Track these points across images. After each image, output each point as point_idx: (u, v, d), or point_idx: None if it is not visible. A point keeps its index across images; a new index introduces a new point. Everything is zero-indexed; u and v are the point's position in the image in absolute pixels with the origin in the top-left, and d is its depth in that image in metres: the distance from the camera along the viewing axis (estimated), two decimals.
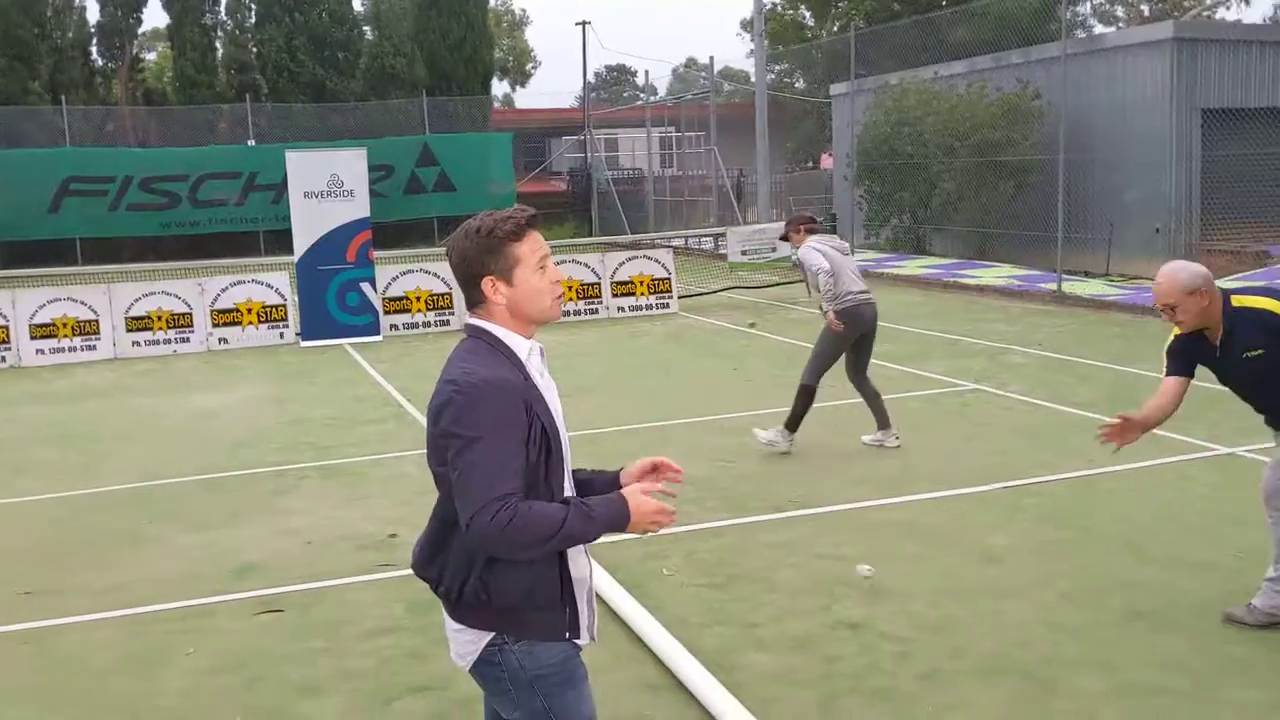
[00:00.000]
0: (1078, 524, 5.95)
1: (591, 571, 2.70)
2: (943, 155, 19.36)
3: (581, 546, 2.60)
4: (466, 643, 2.58)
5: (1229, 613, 4.68)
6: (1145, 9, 41.03)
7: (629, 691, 4.28)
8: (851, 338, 7.61)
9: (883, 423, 7.73)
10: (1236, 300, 4.52)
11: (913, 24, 24.89)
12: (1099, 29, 39.98)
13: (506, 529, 2.35)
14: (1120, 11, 42.59)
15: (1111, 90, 17.81)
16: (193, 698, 4.41)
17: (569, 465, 2.64)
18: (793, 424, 7.59)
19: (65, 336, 13.21)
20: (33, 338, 13.11)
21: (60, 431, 9.36)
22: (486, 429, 2.40)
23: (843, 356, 7.71)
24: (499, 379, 2.46)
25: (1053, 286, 15.05)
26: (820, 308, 7.75)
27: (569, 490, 2.63)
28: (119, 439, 9.00)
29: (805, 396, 7.58)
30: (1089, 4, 41.05)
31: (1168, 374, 4.67)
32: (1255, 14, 41.69)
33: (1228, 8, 41.18)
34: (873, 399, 7.76)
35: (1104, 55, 18.16)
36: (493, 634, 2.54)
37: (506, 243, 2.53)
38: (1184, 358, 4.66)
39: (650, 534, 2.59)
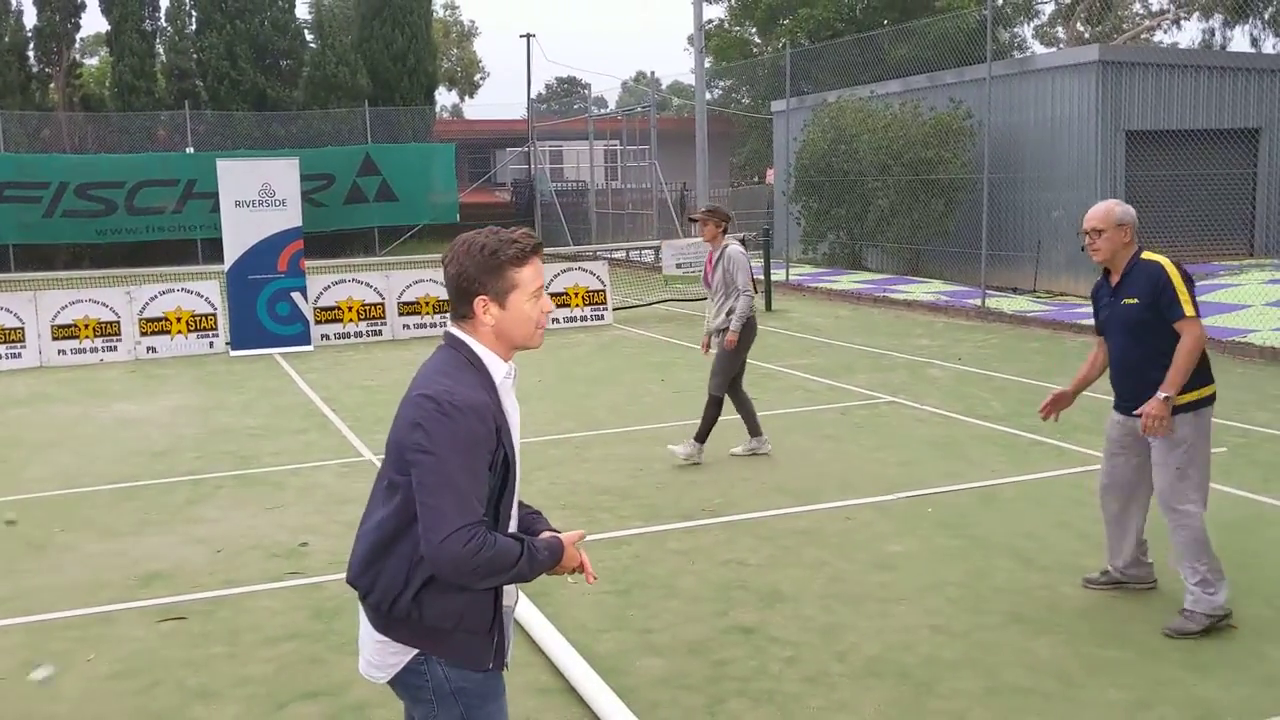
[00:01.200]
0: (973, 532, 6.14)
1: (516, 600, 2.71)
2: (877, 173, 19.69)
3: None
4: (389, 654, 2.57)
5: (1170, 628, 4.75)
6: (1085, 32, 41.91)
7: (520, 694, 4.37)
8: (749, 347, 7.82)
9: (754, 430, 7.92)
10: (1145, 254, 4.90)
11: (853, 42, 25.30)
12: (1038, 49, 40.82)
13: (474, 558, 2.36)
14: (1061, 33, 43.46)
15: (1040, 110, 18.27)
16: (88, 703, 4.43)
17: (518, 491, 2.66)
18: (702, 436, 7.75)
19: None
20: None
21: None
22: (460, 450, 2.40)
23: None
24: (478, 403, 2.45)
25: (978, 302, 15.38)
26: (708, 325, 7.92)
27: (514, 518, 2.65)
28: (37, 447, 8.93)
29: (715, 408, 7.77)
30: (1029, 26, 41.88)
31: (1096, 330, 5.14)
32: (1186, 38, 42.76)
33: (1164, 31, 42.22)
34: (746, 406, 7.94)
35: (1033, 76, 18.61)
36: (416, 651, 2.54)
37: (508, 266, 2.52)
38: (1096, 305, 5.12)
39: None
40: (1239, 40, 37.92)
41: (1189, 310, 4.70)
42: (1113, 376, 5.02)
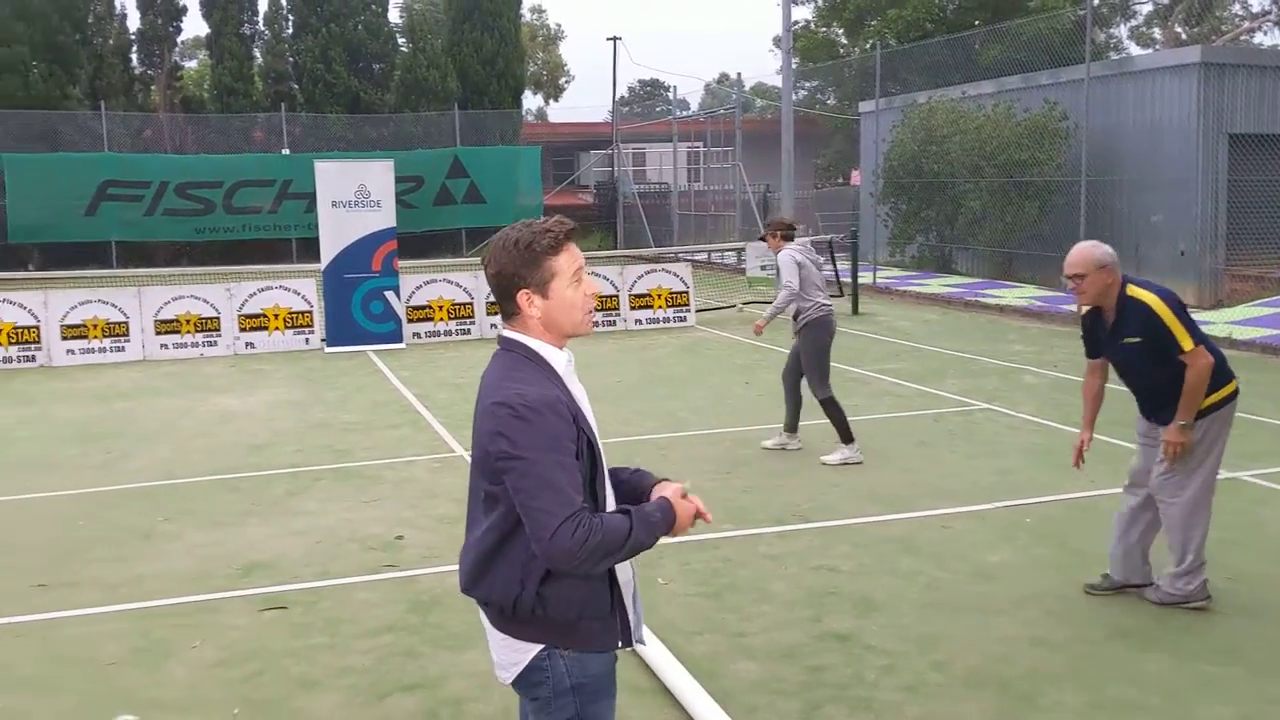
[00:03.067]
0: (1073, 544, 6.00)
1: (635, 575, 2.73)
2: (969, 174, 19.40)
3: None
4: (515, 653, 2.59)
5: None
6: (1182, 32, 40.79)
7: None
8: (828, 342, 7.96)
9: (791, 427, 8.18)
10: (1130, 290, 4.95)
11: (944, 43, 24.94)
12: (1134, 50, 39.83)
13: (586, 544, 2.38)
14: (1158, 34, 42.37)
15: (1139, 112, 17.81)
16: (195, 689, 4.55)
17: (608, 474, 2.69)
18: (846, 436, 7.82)
19: (95, 337, 13.49)
20: (63, 338, 13.40)
21: (86, 430, 9.58)
22: (544, 449, 2.42)
23: (787, 355, 8.28)
24: (550, 398, 2.48)
25: (1073, 308, 15.03)
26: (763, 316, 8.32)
27: (610, 496, 2.67)
28: (141, 439, 9.21)
29: (833, 406, 7.85)
30: (1124, 27, 40.90)
31: (1087, 355, 5.28)
32: None
33: (1264, 32, 40.90)
34: (796, 402, 8.15)
35: (1132, 78, 18.16)
36: (544, 645, 2.57)
37: (544, 256, 2.54)
38: (1090, 338, 5.21)
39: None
40: None
41: (1187, 344, 4.83)
42: (1135, 394, 5.16)
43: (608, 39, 37.28)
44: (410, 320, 14.46)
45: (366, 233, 13.96)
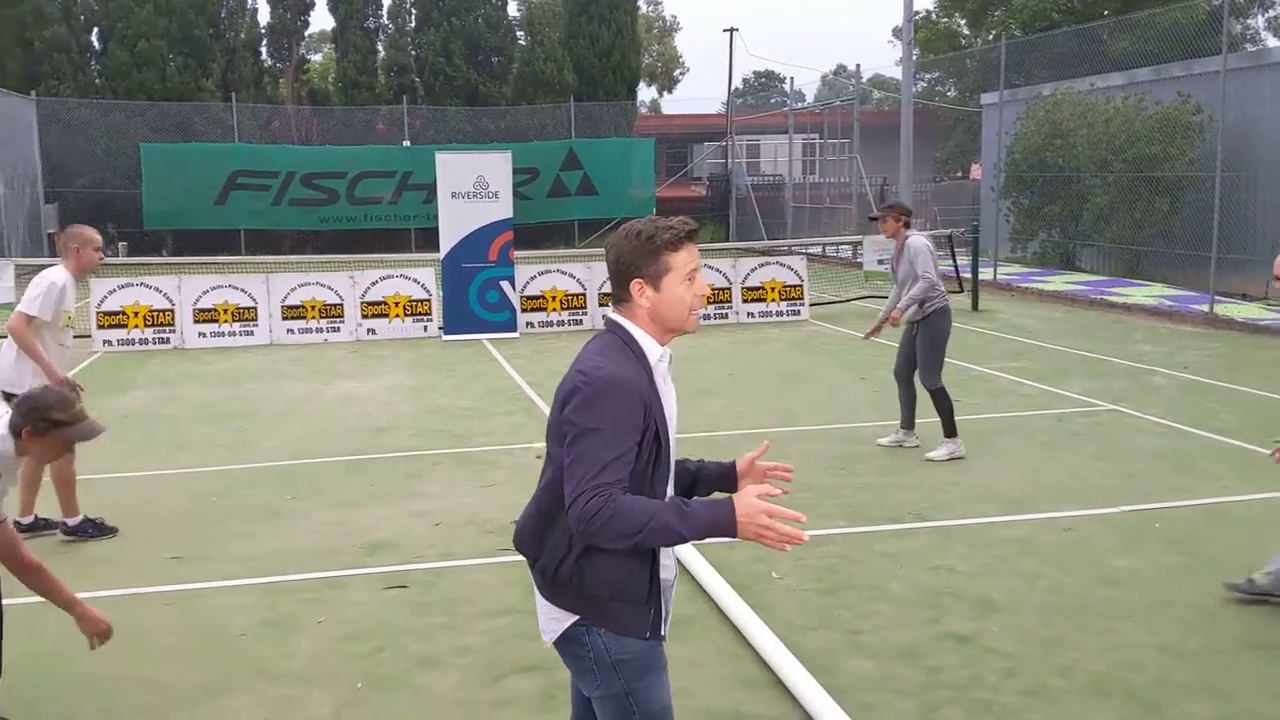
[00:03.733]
0: (1204, 551, 5.79)
1: (675, 575, 2.80)
2: (1095, 169, 18.80)
3: (671, 550, 2.71)
4: (554, 619, 2.69)
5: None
6: None
7: (728, 686, 4.39)
8: (948, 331, 7.87)
9: (908, 423, 8.02)
10: None
11: (1071, 33, 24.21)
12: (1271, 42, 38.07)
13: (596, 516, 2.45)
14: None
15: (1278, 106, 17.02)
16: (320, 662, 4.70)
17: (673, 471, 2.74)
18: (951, 429, 7.73)
19: (225, 321, 14.00)
20: (196, 321, 13.94)
21: (218, 410, 9.95)
22: (604, 422, 2.51)
23: (897, 352, 8.14)
24: (625, 377, 2.57)
25: (1205, 308, 14.48)
26: (885, 313, 8.15)
27: (669, 494, 2.72)
28: (270, 420, 9.53)
29: (944, 397, 7.77)
30: (1261, 18, 39.10)
31: None
32: None
33: None
34: (911, 398, 8.03)
35: (1270, 70, 17.37)
36: (576, 618, 2.65)
37: (663, 250, 2.64)
38: None
39: (763, 543, 2.49)
40: None
41: None
42: None
43: (724, 30, 37.14)
44: (524, 310, 14.65)
45: (484, 223, 14.19)
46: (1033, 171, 20.35)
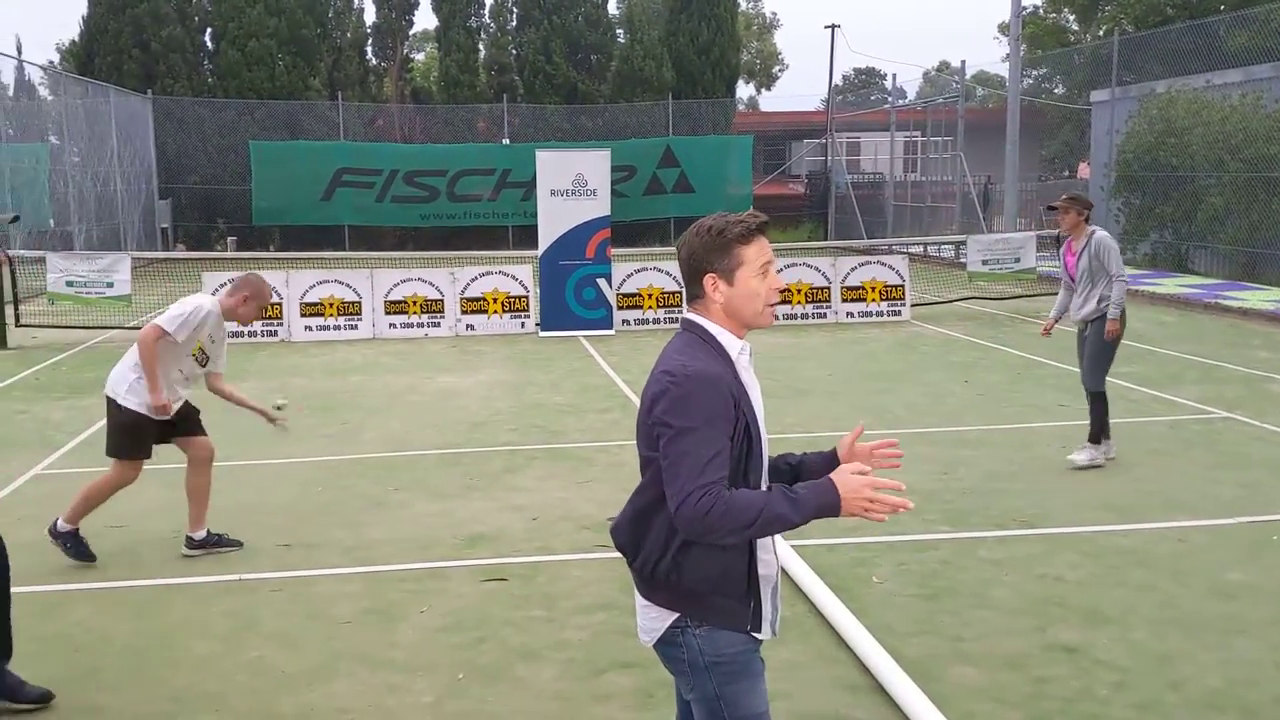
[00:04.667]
0: None
1: (779, 571, 2.79)
2: (1210, 168, 18.17)
3: (771, 546, 2.70)
4: (652, 619, 2.70)
5: None
6: None
7: (828, 689, 4.34)
8: (1122, 335, 7.59)
9: (1102, 434, 7.62)
10: None
11: (1185, 29, 23.44)
12: None
13: (710, 513, 2.46)
14: None
15: None
16: (422, 651, 4.78)
17: (766, 461, 2.74)
18: (1097, 436, 7.55)
19: (331, 316, 14.33)
20: (302, 315, 14.29)
21: (322, 402, 10.18)
22: (698, 420, 2.52)
23: (1079, 355, 7.83)
24: (712, 374, 2.58)
25: None
26: (1057, 311, 7.92)
27: (764, 485, 2.72)
28: (373, 412, 9.72)
29: (1104, 401, 7.59)
30: None
31: None
32: None
33: None
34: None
35: None
36: (677, 615, 2.65)
37: (735, 244, 2.65)
38: None
39: (869, 517, 2.53)
40: None
41: None
42: None
43: (826, 26, 36.80)
44: (620, 307, 14.70)
45: (582, 220, 14.27)
46: (1145, 171, 19.76)
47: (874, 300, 15.29)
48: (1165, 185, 19.41)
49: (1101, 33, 32.30)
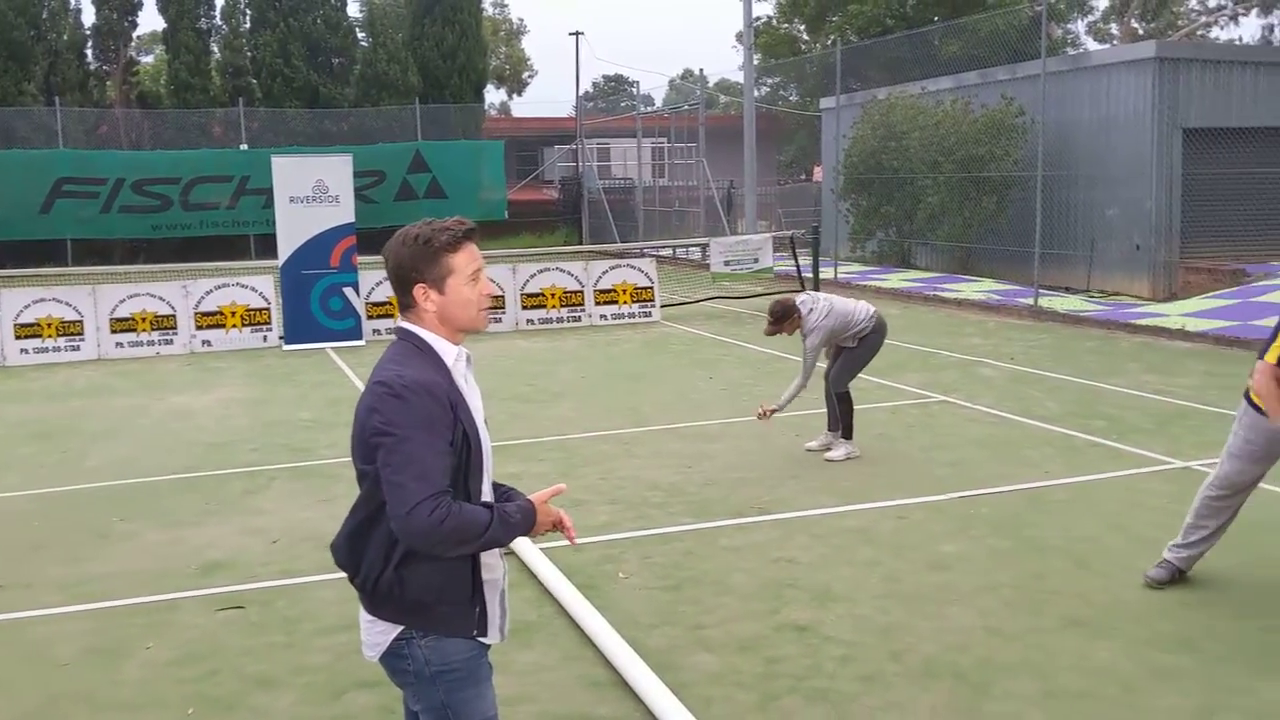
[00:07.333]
0: (1027, 534, 6.08)
1: (505, 574, 2.80)
2: (928, 170, 19.54)
3: (495, 551, 2.72)
4: (378, 633, 2.67)
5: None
6: (1138, 28, 41.28)
7: (574, 688, 4.40)
8: (877, 351, 7.96)
9: (834, 425, 7.96)
10: None
11: (903, 39, 25.11)
12: (1091, 45, 40.29)
13: (441, 526, 2.44)
14: (1115, 29, 42.87)
15: (1095, 108, 18.01)
16: (150, 688, 4.52)
17: (489, 469, 2.74)
18: (850, 430, 7.83)
19: (49, 337, 13.31)
20: (17, 337, 13.20)
21: (41, 429, 9.45)
22: (417, 428, 2.49)
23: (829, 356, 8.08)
24: (428, 381, 2.55)
25: (1030, 301, 15.21)
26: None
27: (488, 495, 2.72)
28: (97, 438, 9.10)
29: (848, 401, 7.86)
30: (1082, 22, 41.33)
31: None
32: (1244, 34, 41.98)
33: (1221, 27, 41.50)
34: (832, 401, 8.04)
35: (1088, 73, 18.36)
36: (402, 627, 2.64)
37: (442, 253, 2.62)
38: None
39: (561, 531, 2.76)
40: None
41: None
42: None
43: (570, 34, 37.19)
44: (370, 316, 14.38)
45: (325, 228, 13.86)
46: (869, 173, 21.02)
47: (626, 302, 15.61)
48: (888, 186, 20.73)
49: (830, 42, 34.15)
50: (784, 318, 7.78)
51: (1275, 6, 37.90)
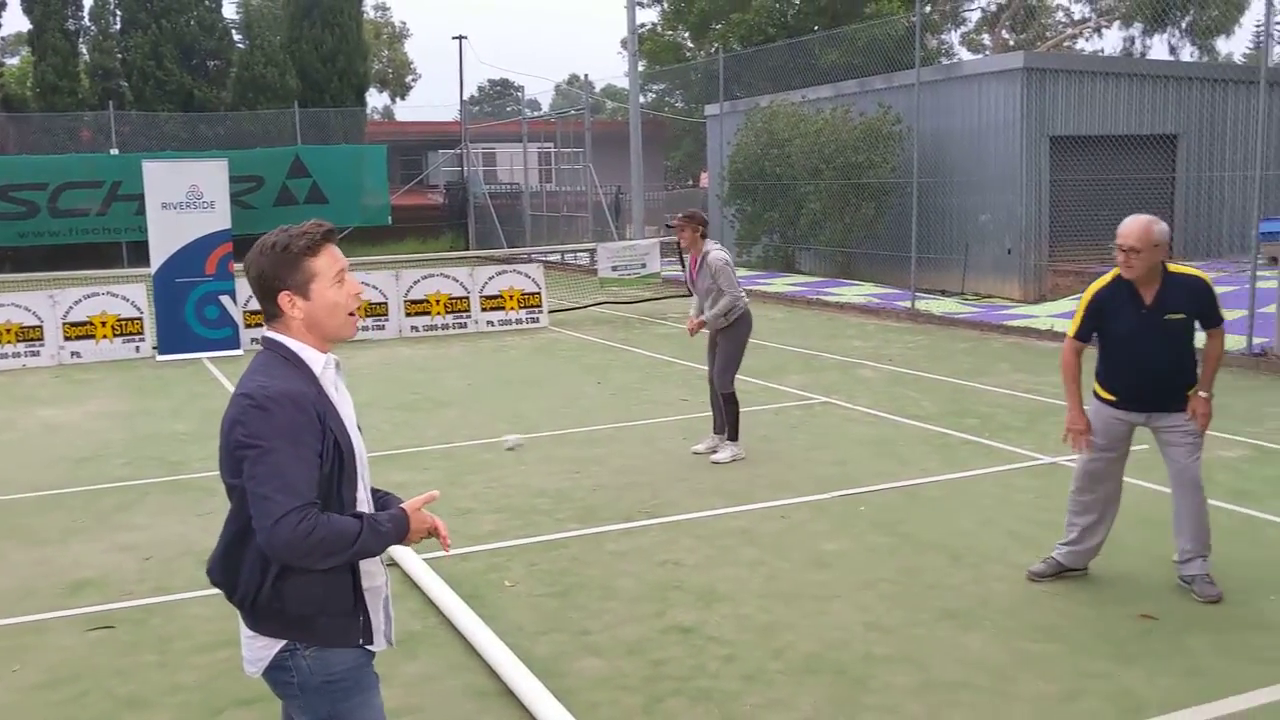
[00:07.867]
0: (905, 530, 6.25)
1: (388, 581, 2.77)
2: (809, 176, 19.91)
3: (376, 558, 2.69)
4: (259, 648, 2.62)
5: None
6: (1010, 40, 42.75)
7: (458, 698, 4.37)
8: (748, 338, 8.00)
9: (721, 428, 8.05)
10: (1172, 267, 5.08)
11: (784, 47, 25.55)
12: (965, 56, 41.57)
13: (308, 539, 2.40)
14: (987, 40, 44.32)
15: (967, 116, 18.60)
16: (16, 712, 4.34)
17: (365, 478, 2.70)
18: (736, 432, 7.90)
19: None
20: None
21: None
22: (282, 440, 2.45)
23: (708, 358, 8.16)
24: (294, 391, 2.51)
25: (908, 304, 15.62)
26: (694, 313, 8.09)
27: (364, 503, 2.69)
28: None
29: (736, 402, 7.91)
30: (956, 33, 42.60)
31: (1076, 336, 5.23)
32: (1107, 46, 43.80)
33: (1086, 39, 43.24)
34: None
35: (960, 82, 18.94)
36: (285, 641, 2.59)
37: (302, 257, 2.58)
38: (1097, 319, 5.17)
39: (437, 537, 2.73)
40: (1158, 49, 38.94)
41: (1224, 316, 5.12)
42: (1131, 380, 5.15)
43: (453, 38, 36.86)
44: (249, 325, 14.01)
45: (199, 235, 13.48)
46: (753, 180, 21.33)
47: (513, 308, 15.53)
48: (772, 193, 21.06)
49: (713, 50, 34.58)
50: (701, 222, 7.97)
51: (1135, 20, 39.67)
